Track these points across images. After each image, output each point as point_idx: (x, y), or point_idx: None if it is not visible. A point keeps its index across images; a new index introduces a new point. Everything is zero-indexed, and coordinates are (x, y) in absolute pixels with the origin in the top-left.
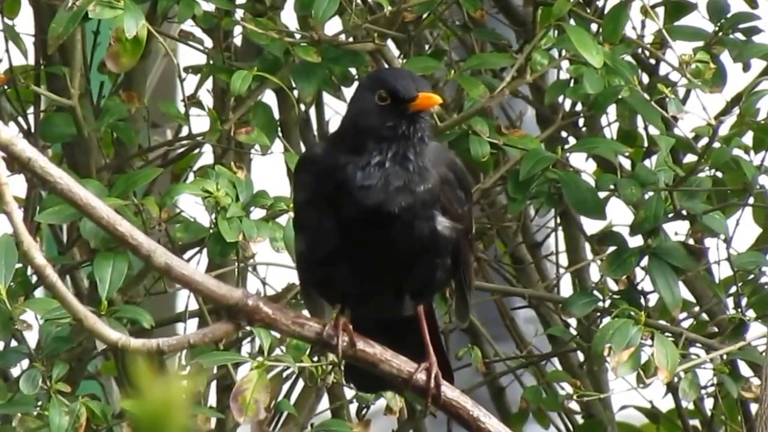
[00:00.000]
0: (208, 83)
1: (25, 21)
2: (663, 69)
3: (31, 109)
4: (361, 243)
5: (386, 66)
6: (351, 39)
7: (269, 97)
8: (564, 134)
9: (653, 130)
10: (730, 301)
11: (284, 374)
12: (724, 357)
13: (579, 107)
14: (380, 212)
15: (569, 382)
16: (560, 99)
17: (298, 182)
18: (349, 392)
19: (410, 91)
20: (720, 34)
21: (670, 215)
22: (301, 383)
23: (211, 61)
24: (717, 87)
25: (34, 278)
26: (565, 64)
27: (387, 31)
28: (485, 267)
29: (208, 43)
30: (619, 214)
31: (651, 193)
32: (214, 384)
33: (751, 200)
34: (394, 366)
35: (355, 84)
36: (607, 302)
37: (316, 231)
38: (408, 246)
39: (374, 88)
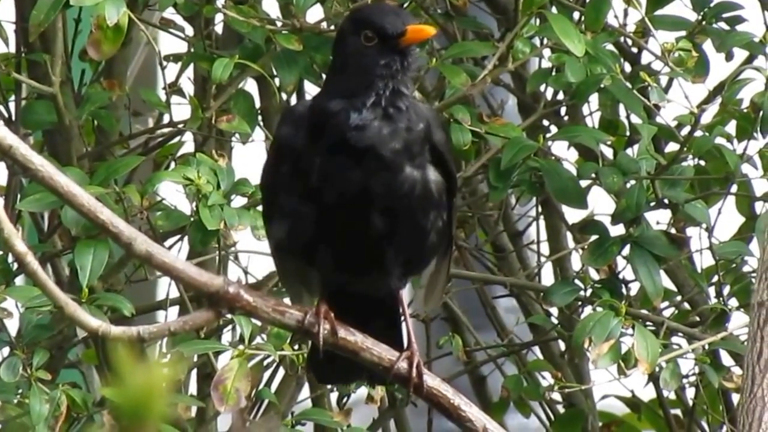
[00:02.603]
0: (189, 71)
1: (5, 8)
2: (645, 58)
3: (12, 97)
4: (348, 205)
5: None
6: (333, 27)
7: (250, 85)
8: (546, 123)
9: (635, 119)
10: (712, 291)
11: (265, 362)
12: (706, 347)
13: (561, 96)
14: (374, 153)
15: (550, 372)
16: (542, 87)
17: (281, 138)
18: None
19: (397, 27)
20: (703, 23)
21: (652, 204)
22: (282, 372)
23: (192, 49)
24: (700, 77)
25: (15, 266)
26: (546, 52)
27: None
28: (466, 255)
29: (189, 30)
30: (600, 203)
31: (633, 182)
32: (194, 372)
33: (734, 189)
34: (375, 354)
35: None
36: (589, 291)
37: (298, 208)
38: (399, 198)
39: (358, 30)
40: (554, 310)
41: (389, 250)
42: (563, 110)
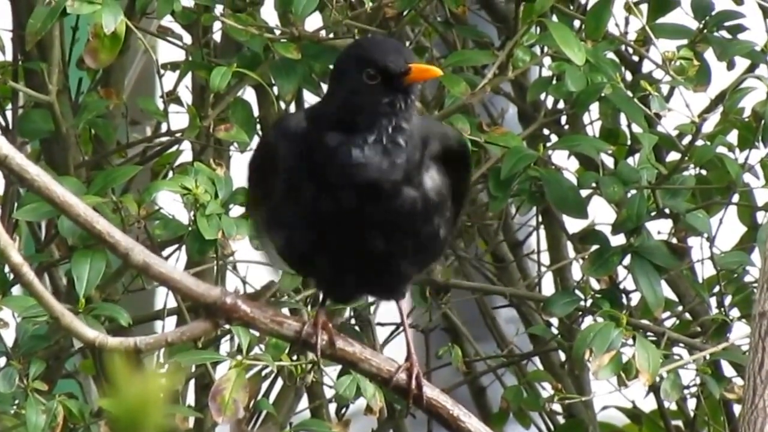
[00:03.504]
0: (187, 79)
1: (2, 16)
2: (646, 66)
3: (8, 106)
4: (347, 232)
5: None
6: (331, 35)
7: (249, 94)
8: (546, 132)
9: (636, 128)
10: (713, 301)
11: (263, 373)
12: (707, 357)
13: (561, 105)
14: (376, 187)
15: (550, 383)
16: (542, 96)
17: (275, 162)
18: (329, 392)
19: (400, 65)
20: (704, 31)
21: (653, 214)
22: (280, 382)
23: (191, 58)
24: (701, 86)
25: (11, 276)
26: (547, 61)
27: (368, 27)
28: (466, 265)
29: (187, 39)
30: (601, 213)
31: (634, 192)
32: (192, 383)
33: (735, 198)
34: (374, 365)
35: None
36: (589, 301)
37: (294, 223)
38: (400, 218)
39: (360, 67)
40: (554, 321)
41: (400, 263)
42: (564, 119)
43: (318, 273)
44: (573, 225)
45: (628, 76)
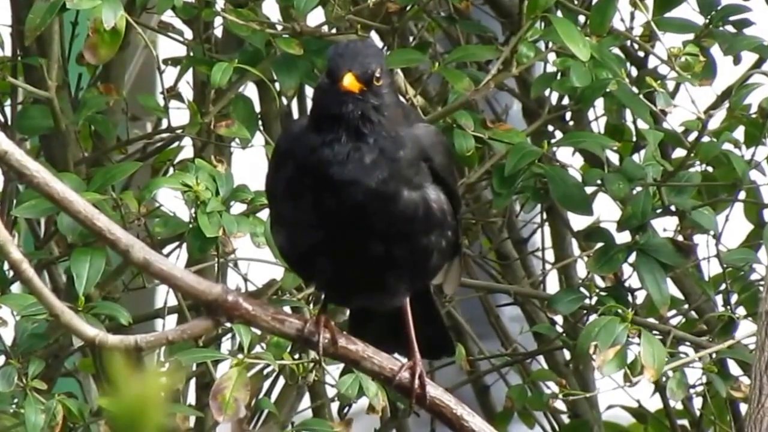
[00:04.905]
0: (188, 75)
1: (1, 11)
2: (652, 62)
3: (8, 102)
4: (344, 230)
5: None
6: (334, 30)
7: (250, 90)
8: (550, 128)
9: (641, 124)
10: (719, 299)
11: (264, 372)
12: (713, 356)
13: (566, 101)
14: (359, 185)
15: (555, 382)
16: (547, 92)
17: (279, 162)
18: (331, 391)
19: (338, 71)
20: (710, 26)
21: (659, 211)
22: (281, 381)
23: (191, 53)
24: (707, 80)
25: (11, 273)
26: (551, 56)
27: (370, 22)
28: (470, 263)
29: (188, 34)
30: (606, 210)
31: (639, 189)
32: (193, 381)
33: (741, 195)
34: (377, 363)
35: None
36: (594, 299)
37: (296, 222)
38: (401, 223)
39: (325, 70)
40: (559, 319)
41: (390, 273)
42: (568, 115)
43: (318, 275)
44: (578, 222)
45: (634, 72)
